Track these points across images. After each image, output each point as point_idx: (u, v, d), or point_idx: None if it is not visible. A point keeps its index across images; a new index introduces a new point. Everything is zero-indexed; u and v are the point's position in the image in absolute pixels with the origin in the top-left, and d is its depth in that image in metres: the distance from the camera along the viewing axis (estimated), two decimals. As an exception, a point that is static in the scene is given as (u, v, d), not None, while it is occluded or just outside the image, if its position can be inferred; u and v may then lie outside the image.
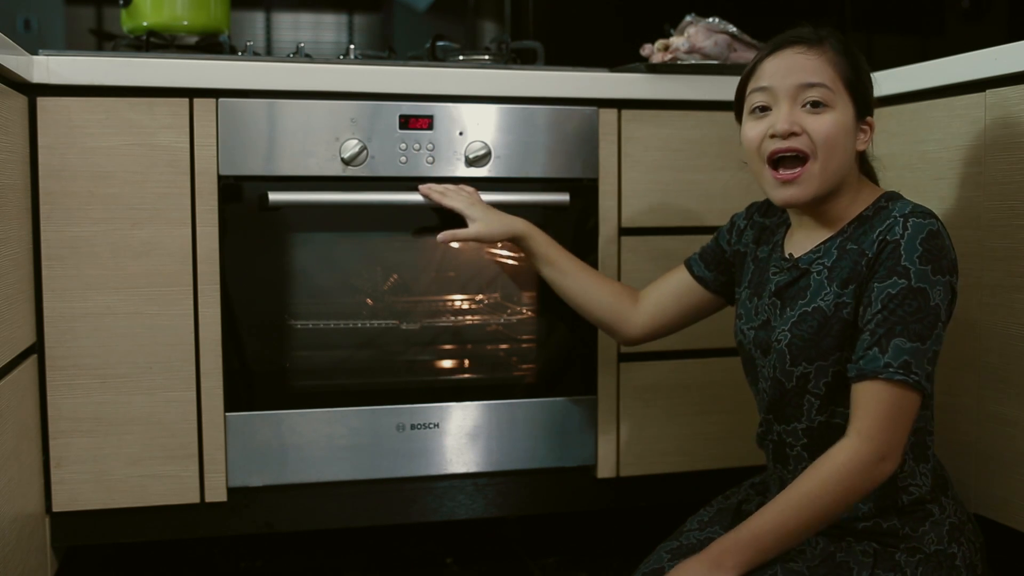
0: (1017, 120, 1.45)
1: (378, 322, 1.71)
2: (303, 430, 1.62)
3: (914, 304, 1.13)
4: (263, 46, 2.32)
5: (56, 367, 1.51)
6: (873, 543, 1.22)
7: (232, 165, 1.56)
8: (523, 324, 1.75)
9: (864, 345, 1.16)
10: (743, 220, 1.45)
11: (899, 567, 1.20)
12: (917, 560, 1.21)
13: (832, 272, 1.23)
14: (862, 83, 1.26)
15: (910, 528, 1.22)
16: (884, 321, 1.14)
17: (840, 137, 1.22)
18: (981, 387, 1.53)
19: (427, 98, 1.64)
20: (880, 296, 1.15)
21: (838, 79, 1.23)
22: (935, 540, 1.22)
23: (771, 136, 1.23)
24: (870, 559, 1.21)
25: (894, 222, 1.18)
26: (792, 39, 1.26)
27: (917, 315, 1.13)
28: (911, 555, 1.21)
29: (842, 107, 1.23)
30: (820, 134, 1.21)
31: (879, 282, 1.16)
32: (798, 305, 1.25)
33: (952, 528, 1.24)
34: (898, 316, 1.13)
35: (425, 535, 1.90)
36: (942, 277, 1.15)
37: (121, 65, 1.50)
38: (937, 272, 1.14)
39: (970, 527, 1.28)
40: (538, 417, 1.71)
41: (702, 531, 1.36)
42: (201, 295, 1.55)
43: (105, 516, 1.57)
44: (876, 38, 2.48)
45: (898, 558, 1.21)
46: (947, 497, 1.27)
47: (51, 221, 1.50)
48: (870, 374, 1.14)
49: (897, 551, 1.22)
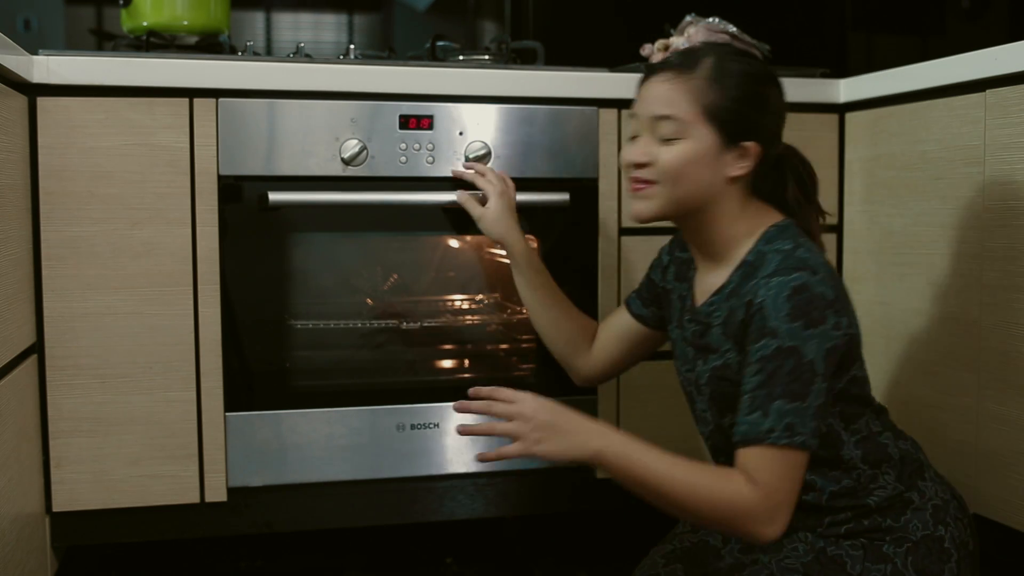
0: (1017, 120, 1.45)
1: (378, 322, 1.71)
2: (303, 430, 1.62)
3: (789, 363, 1.11)
4: (263, 46, 2.32)
5: (56, 367, 1.51)
6: (861, 539, 1.23)
7: (232, 165, 1.56)
8: (523, 324, 1.75)
9: (745, 410, 1.14)
10: (666, 255, 1.44)
11: (888, 559, 1.21)
12: (905, 549, 1.21)
13: (726, 328, 1.23)
14: (734, 109, 1.21)
15: (892, 520, 1.23)
16: (762, 384, 1.12)
17: (687, 168, 1.22)
18: (981, 387, 1.53)
19: (427, 98, 1.64)
20: (755, 358, 1.14)
21: (697, 109, 1.21)
22: (920, 526, 1.23)
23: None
24: (860, 551, 1.22)
25: (758, 284, 1.17)
26: (661, 66, 1.26)
27: (793, 374, 1.11)
28: (899, 545, 1.22)
29: (697, 137, 1.21)
30: (664, 165, 1.22)
31: (752, 344, 1.15)
32: (710, 359, 1.26)
33: (936, 510, 1.25)
34: (774, 378, 1.11)
35: (425, 535, 1.90)
36: (814, 330, 1.12)
37: (121, 65, 1.50)
38: (809, 326, 1.12)
39: (954, 504, 1.28)
40: (538, 417, 1.71)
41: (695, 533, 1.36)
42: (201, 295, 1.55)
43: (105, 516, 1.57)
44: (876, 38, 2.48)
45: (886, 550, 1.21)
46: (924, 480, 1.27)
47: (51, 221, 1.50)
48: (755, 440, 1.12)
49: (884, 543, 1.22)
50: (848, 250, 1.85)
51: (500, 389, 1.21)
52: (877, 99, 1.76)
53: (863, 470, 1.23)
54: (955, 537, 1.24)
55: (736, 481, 1.11)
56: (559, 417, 1.16)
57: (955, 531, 1.25)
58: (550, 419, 1.15)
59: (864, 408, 1.25)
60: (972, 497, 1.55)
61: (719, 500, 1.10)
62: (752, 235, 1.24)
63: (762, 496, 1.10)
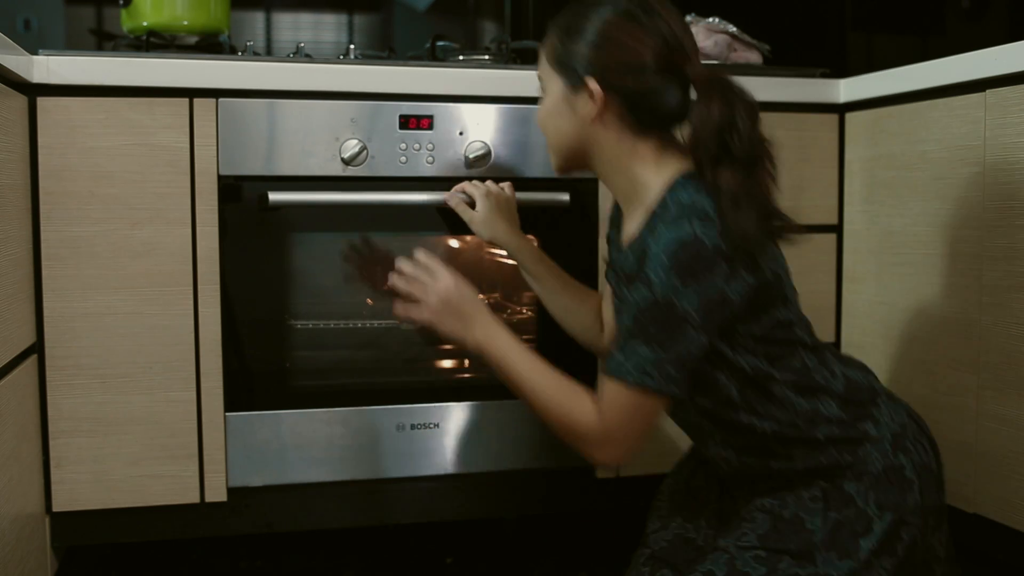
0: (1017, 120, 1.45)
1: (378, 322, 1.71)
2: (303, 430, 1.62)
3: (660, 314, 1.11)
4: (263, 46, 2.32)
5: (56, 367, 1.51)
6: (820, 481, 1.22)
7: (232, 165, 1.56)
8: (523, 324, 1.75)
9: (615, 346, 1.16)
10: (613, 206, 1.41)
11: (850, 499, 1.20)
12: (867, 485, 1.20)
13: (631, 276, 1.23)
14: (571, 50, 1.20)
15: (849, 454, 1.21)
16: (631, 329, 1.13)
17: (546, 120, 1.27)
18: (981, 387, 1.53)
19: (427, 98, 1.64)
20: (631, 301, 1.14)
21: (548, 61, 1.26)
22: (879, 457, 1.22)
23: None
24: (820, 503, 1.20)
25: (649, 232, 1.16)
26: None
27: (661, 324, 1.11)
28: (859, 480, 1.21)
29: (552, 88, 1.26)
30: (538, 124, 1.30)
31: (634, 289, 1.15)
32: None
33: (895, 438, 1.23)
34: (643, 325, 1.12)
35: (425, 535, 1.90)
36: (695, 283, 1.10)
37: (121, 65, 1.50)
38: (689, 280, 1.10)
39: (913, 427, 1.26)
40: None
41: (667, 529, 1.36)
42: (201, 295, 1.55)
43: (105, 516, 1.57)
44: (876, 38, 2.48)
45: (847, 489, 1.20)
46: (878, 407, 1.25)
47: (51, 221, 1.50)
48: (613, 375, 1.15)
49: (845, 480, 1.21)
50: (848, 250, 1.85)
51: (430, 262, 1.31)
52: (877, 99, 1.76)
53: (799, 403, 1.21)
54: (916, 463, 1.23)
55: (586, 404, 1.18)
56: (462, 302, 1.27)
57: (916, 456, 1.23)
58: (454, 300, 1.27)
59: (795, 347, 1.22)
60: (972, 497, 1.55)
61: (567, 416, 1.19)
62: (661, 182, 1.20)
63: (602, 426, 1.16)
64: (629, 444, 1.17)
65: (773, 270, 1.19)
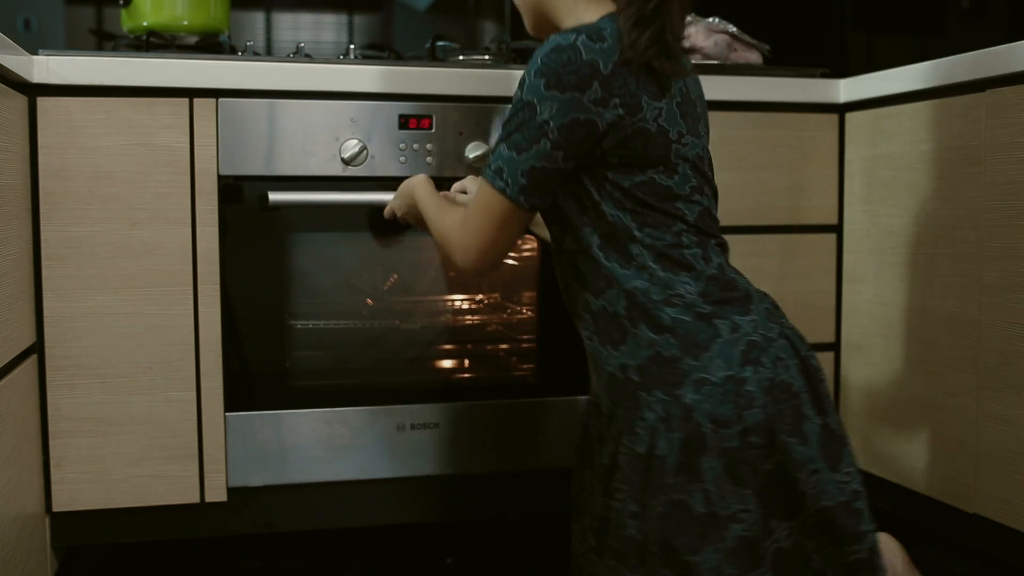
0: (1017, 120, 1.45)
1: (378, 322, 1.71)
2: (303, 430, 1.62)
3: (521, 116, 1.12)
4: (263, 46, 2.32)
5: (56, 367, 1.51)
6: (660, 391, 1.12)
7: (232, 165, 1.56)
8: (523, 324, 1.75)
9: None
10: None
11: (689, 412, 1.10)
12: (702, 396, 1.10)
13: None
14: None
15: (692, 357, 1.12)
16: (502, 128, 1.15)
17: None
18: (981, 387, 1.53)
19: (427, 98, 1.64)
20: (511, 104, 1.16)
21: None
22: (723, 365, 1.11)
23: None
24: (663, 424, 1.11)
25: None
26: None
27: (521, 127, 1.12)
28: (696, 390, 1.10)
29: None
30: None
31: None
32: None
33: (750, 347, 1.12)
34: (509, 125, 1.14)
35: (425, 535, 1.90)
36: (559, 93, 1.09)
37: (121, 65, 1.50)
38: (552, 87, 1.09)
39: (784, 345, 1.14)
40: (538, 417, 1.71)
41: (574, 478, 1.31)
42: (201, 295, 1.55)
43: (105, 516, 1.57)
44: (876, 38, 2.48)
45: (686, 399, 1.10)
46: (748, 315, 1.14)
47: (51, 221, 1.50)
48: (484, 171, 1.17)
49: (683, 389, 1.11)
50: (848, 250, 1.85)
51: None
52: (877, 99, 1.76)
53: (654, 270, 1.14)
54: (766, 379, 1.11)
55: (458, 211, 1.24)
56: (403, 187, 1.47)
57: (771, 372, 1.11)
58: (400, 189, 1.48)
59: (672, 220, 1.15)
60: (972, 497, 1.55)
61: (443, 225, 1.26)
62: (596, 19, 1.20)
63: (463, 227, 1.19)
64: (484, 248, 1.18)
65: (661, 125, 1.13)
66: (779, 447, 1.11)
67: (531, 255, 1.75)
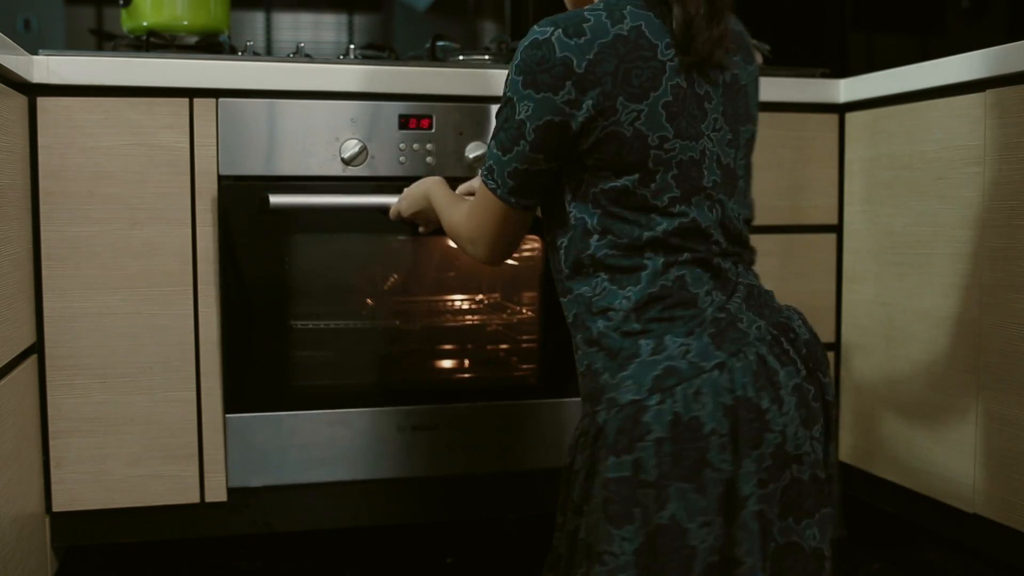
0: (1017, 120, 1.45)
1: (378, 322, 1.71)
2: (303, 430, 1.62)
3: (505, 111, 1.11)
4: (263, 46, 2.32)
5: (56, 367, 1.51)
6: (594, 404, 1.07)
7: (232, 165, 1.56)
8: (523, 324, 1.75)
9: None
10: None
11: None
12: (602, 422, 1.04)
13: None
14: None
15: (610, 375, 1.05)
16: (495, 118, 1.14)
17: None
18: (981, 387, 1.53)
19: (427, 98, 1.64)
20: None
21: None
22: (633, 388, 1.02)
23: None
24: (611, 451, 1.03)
25: None
26: None
27: (506, 123, 1.11)
28: (608, 411, 1.04)
29: None
30: None
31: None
32: None
33: (668, 373, 1.01)
34: (498, 118, 1.13)
35: (425, 535, 1.90)
36: (534, 92, 1.06)
37: (121, 65, 1.50)
38: (528, 85, 1.06)
39: (721, 377, 1.00)
40: (538, 417, 1.71)
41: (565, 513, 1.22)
42: (201, 295, 1.55)
43: (105, 516, 1.57)
44: (876, 38, 2.48)
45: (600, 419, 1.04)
46: (689, 337, 1.03)
47: (51, 221, 1.50)
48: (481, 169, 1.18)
49: (599, 409, 1.05)
50: (848, 250, 1.85)
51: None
52: (877, 99, 1.76)
53: (600, 279, 1.09)
54: (670, 412, 0.99)
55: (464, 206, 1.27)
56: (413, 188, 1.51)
57: (680, 407, 0.99)
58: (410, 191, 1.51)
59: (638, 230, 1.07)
60: (972, 497, 1.55)
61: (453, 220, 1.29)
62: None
63: (467, 223, 1.23)
64: (490, 243, 1.20)
65: (638, 129, 1.05)
66: (669, 495, 0.99)
67: (532, 255, 1.75)
